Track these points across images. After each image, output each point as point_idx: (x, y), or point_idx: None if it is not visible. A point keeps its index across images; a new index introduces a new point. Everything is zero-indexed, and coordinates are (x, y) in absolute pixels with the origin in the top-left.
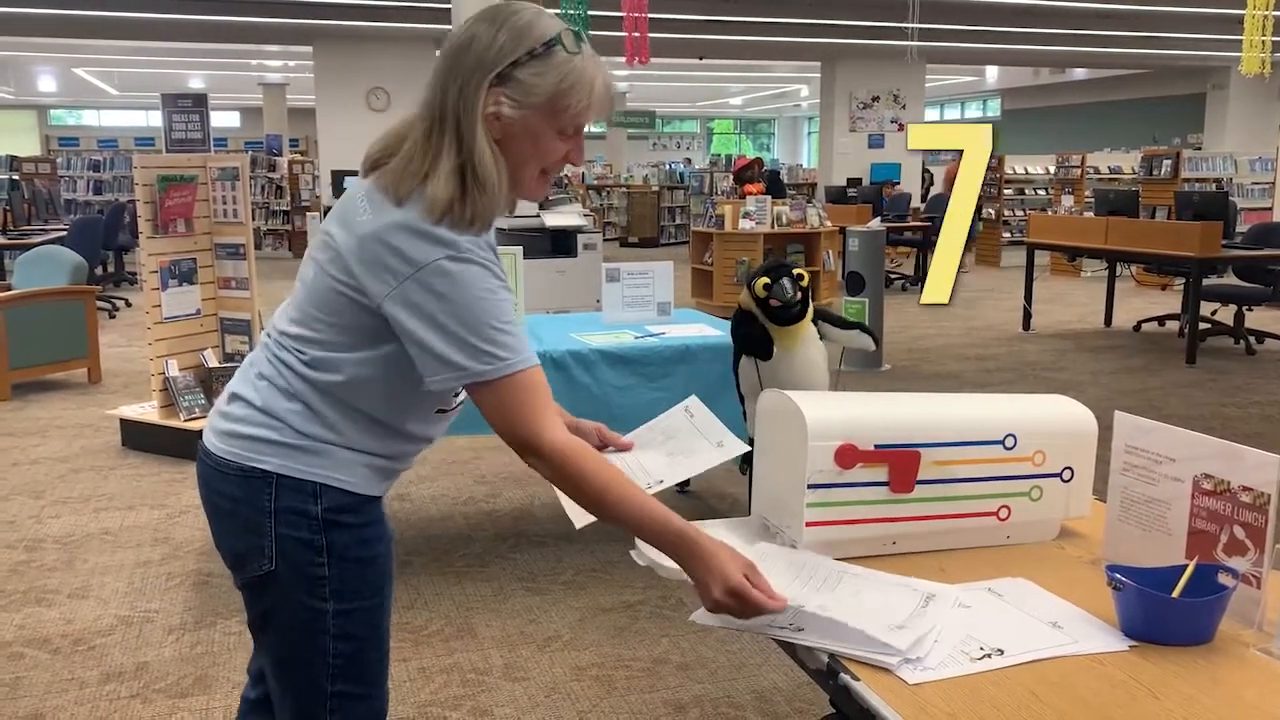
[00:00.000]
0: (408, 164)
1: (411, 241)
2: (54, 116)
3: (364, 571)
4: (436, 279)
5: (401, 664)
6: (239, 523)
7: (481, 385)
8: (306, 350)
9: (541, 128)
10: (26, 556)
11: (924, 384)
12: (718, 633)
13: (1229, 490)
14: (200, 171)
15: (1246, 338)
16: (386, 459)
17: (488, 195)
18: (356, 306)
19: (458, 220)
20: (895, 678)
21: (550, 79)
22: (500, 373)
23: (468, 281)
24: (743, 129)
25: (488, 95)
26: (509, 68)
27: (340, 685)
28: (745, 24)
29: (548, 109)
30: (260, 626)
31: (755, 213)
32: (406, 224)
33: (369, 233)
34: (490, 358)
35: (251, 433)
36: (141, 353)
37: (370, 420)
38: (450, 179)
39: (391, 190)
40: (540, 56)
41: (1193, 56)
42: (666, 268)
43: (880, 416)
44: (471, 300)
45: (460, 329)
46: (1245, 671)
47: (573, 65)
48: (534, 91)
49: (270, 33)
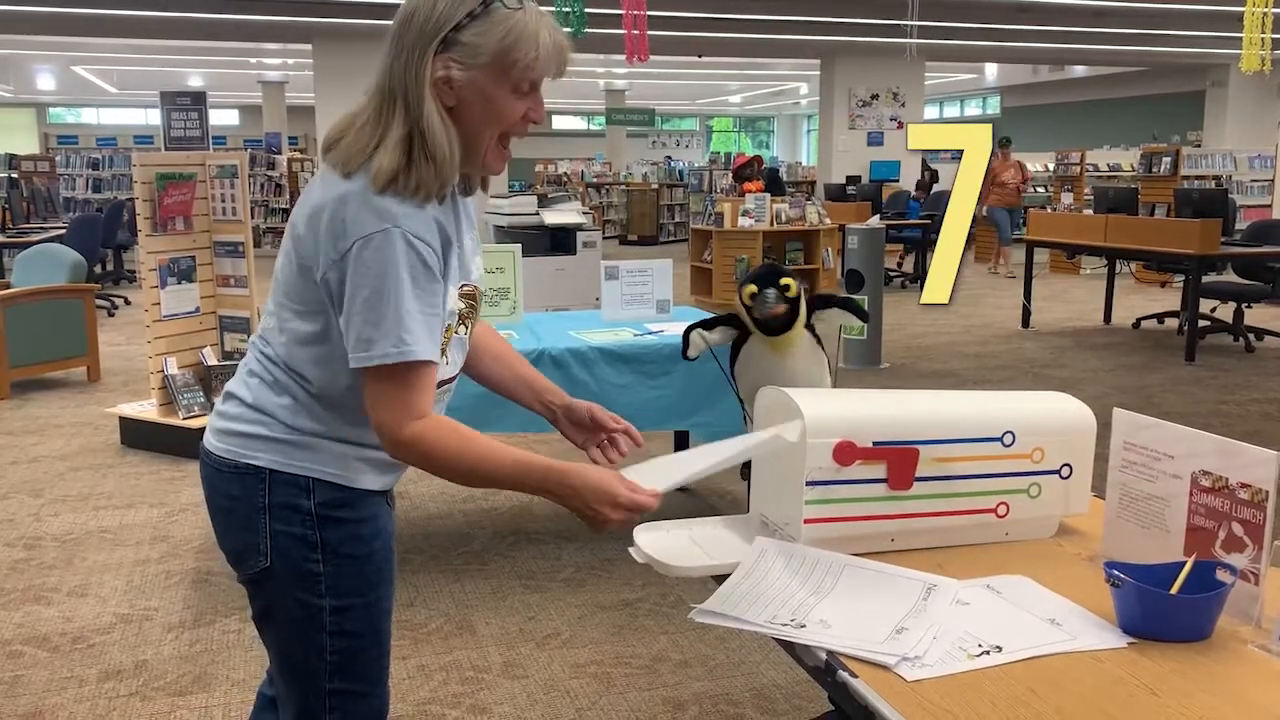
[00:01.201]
0: (356, 139)
1: (353, 212)
2: (53, 114)
3: (360, 568)
4: (367, 252)
5: (400, 661)
6: (237, 520)
7: (365, 369)
8: (283, 341)
9: (493, 87)
10: (26, 554)
11: (923, 381)
12: (716, 630)
13: (1227, 487)
14: (199, 169)
15: (1246, 335)
16: (377, 449)
17: (436, 163)
18: (314, 284)
19: (402, 189)
20: (894, 675)
21: (494, 36)
22: (379, 360)
23: (388, 259)
24: (742, 127)
25: (435, 62)
26: (451, 32)
27: (339, 683)
28: (744, 21)
29: (496, 67)
30: (262, 624)
31: (754, 210)
32: (350, 195)
33: (315, 205)
34: (382, 342)
35: (244, 430)
36: (140, 351)
37: (351, 409)
38: (397, 148)
39: (340, 165)
40: (480, 16)
41: (1192, 54)
42: (666, 265)
43: (879, 414)
44: (388, 281)
45: (365, 308)
46: (1243, 668)
47: (515, 20)
48: (480, 51)
49: (270, 30)
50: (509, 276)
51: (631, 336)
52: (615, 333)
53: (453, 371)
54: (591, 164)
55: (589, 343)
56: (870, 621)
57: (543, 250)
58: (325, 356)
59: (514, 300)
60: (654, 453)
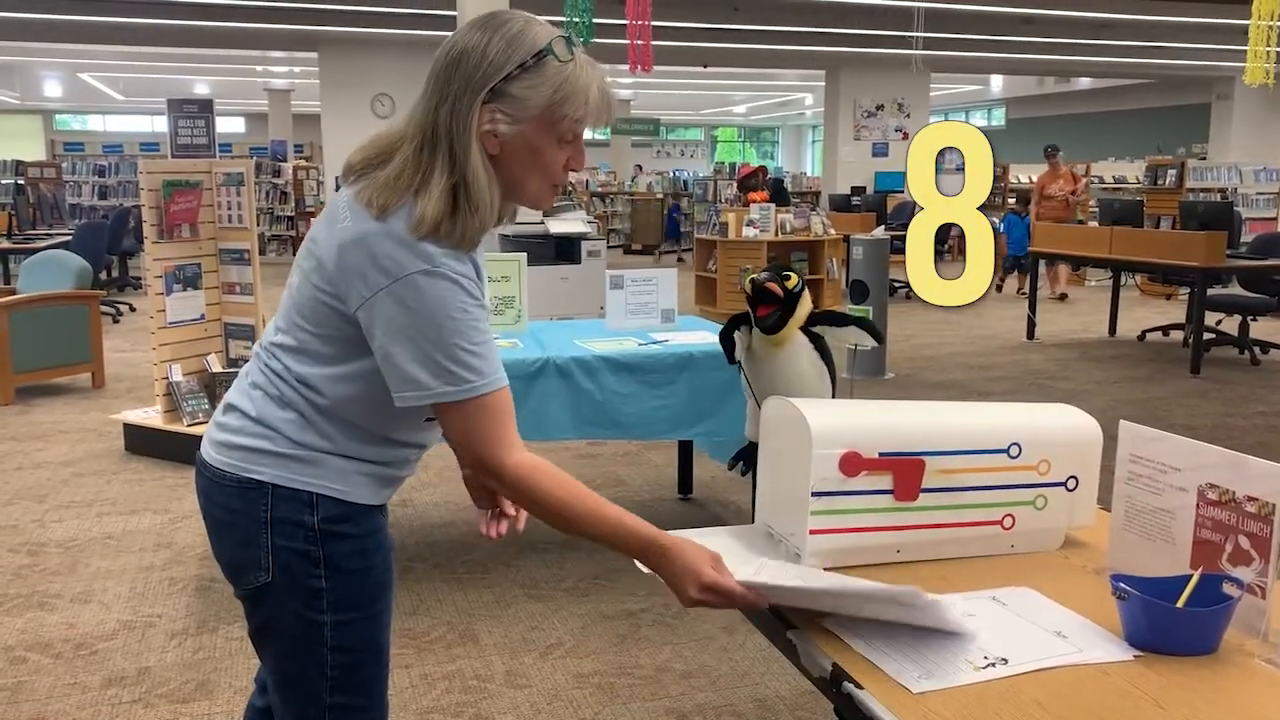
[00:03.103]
0: (397, 179)
1: (390, 252)
2: (59, 121)
3: (361, 582)
4: (409, 293)
5: (403, 670)
6: (236, 534)
7: (447, 406)
8: (294, 359)
9: (540, 140)
10: (29, 561)
11: (927, 392)
12: (720, 641)
13: (1234, 500)
14: (205, 177)
15: (1251, 348)
16: (382, 466)
17: (479, 215)
18: (338, 316)
19: (444, 238)
20: (899, 687)
21: (544, 91)
22: (465, 395)
23: (440, 298)
24: (747, 137)
25: (481, 113)
26: (501, 83)
27: (339, 697)
28: (749, 32)
29: (544, 121)
30: (259, 638)
31: (759, 220)
32: (387, 234)
33: (349, 240)
34: (456, 378)
35: (247, 443)
36: (145, 357)
37: (360, 428)
38: (442, 198)
39: (376, 202)
40: (532, 69)
41: (1197, 66)
42: (670, 275)
43: (884, 424)
44: (442, 319)
45: (428, 346)
46: (1250, 682)
47: (566, 74)
48: (529, 105)
49: (275, 39)
50: (514, 285)
51: (636, 346)
52: (620, 342)
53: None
54: (596, 173)
55: (593, 352)
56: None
57: (548, 259)
58: (344, 376)
59: (519, 309)
60: (657, 463)
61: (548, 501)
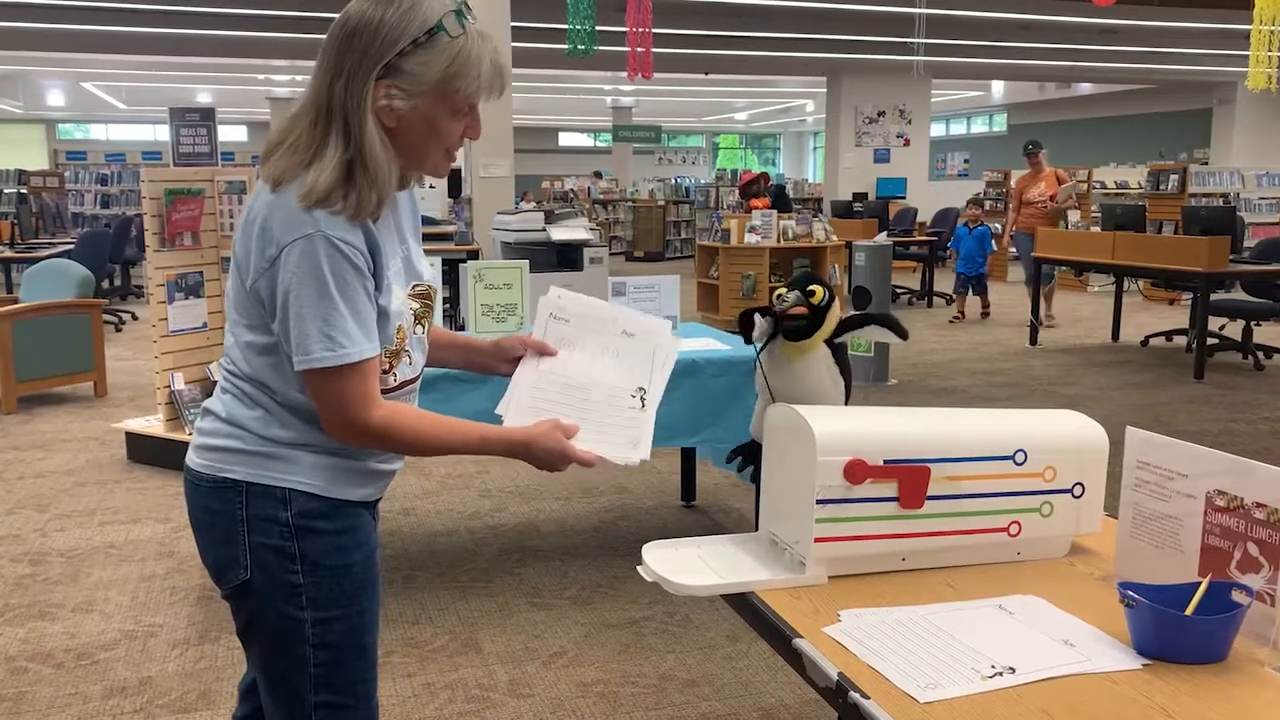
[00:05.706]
0: (291, 152)
1: (280, 221)
2: (62, 130)
3: (339, 579)
4: (293, 258)
5: (405, 679)
6: (216, 534)
7: (320, 371)
8: (241, 354)
9: (435, 113)
10: (31, 570)
11: (931, 399)
12: (724, 650)
13: (1242, 506)
14: (207, 185)
15: (1255, 353)
16: (349, 458)
17: (377, 188)
18: (254, 298)
19: (334, 206)
20: (906, 697)
21: (437, 66)
22: (340, 360)
23: (318, 264)
24: (748, 144)
25: (376, 88)
26: (395, 59)
27: (324, 695)
28: (750, 39)
29: (438, 95)
30: (245, 637)
31: (761, 227)
32: (279, 205)
33: (248, 218)
34: (333, 343)
35: (220, 444)
36: (147, 366)
37: (312, 414)
38: (336, 169)
39: (272, 176)
40: (425, 44)
41: (1199, 71)
42: (673, 281)
43: (889, 431)
44: (321, 284)
45: (305, 311)
46: (1260, 690)
47: (459, 49)
48: (423, 80)
49: (277, 48)
50: (516, 292)
51: None
52: None
53: (415, 371)
54: (598, 180)
55: None
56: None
57: (550, 266)
58: (280, 364)
59: (521, 316)
60: (660, 470)
61: (419, 438)
